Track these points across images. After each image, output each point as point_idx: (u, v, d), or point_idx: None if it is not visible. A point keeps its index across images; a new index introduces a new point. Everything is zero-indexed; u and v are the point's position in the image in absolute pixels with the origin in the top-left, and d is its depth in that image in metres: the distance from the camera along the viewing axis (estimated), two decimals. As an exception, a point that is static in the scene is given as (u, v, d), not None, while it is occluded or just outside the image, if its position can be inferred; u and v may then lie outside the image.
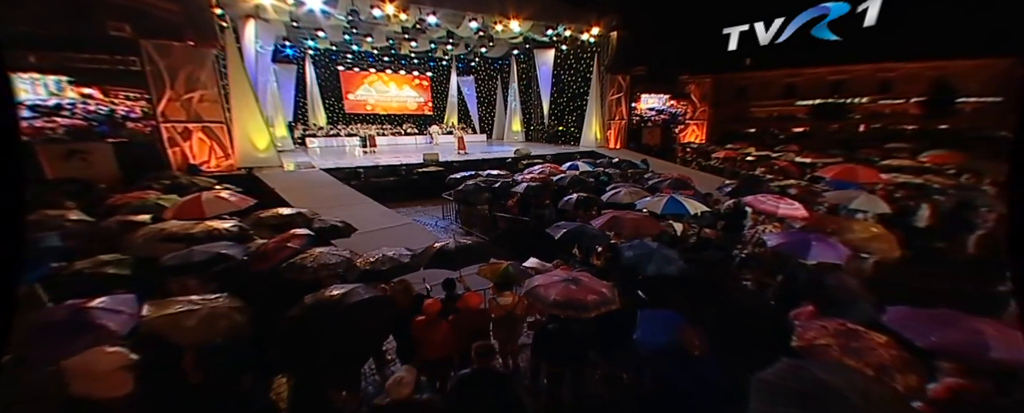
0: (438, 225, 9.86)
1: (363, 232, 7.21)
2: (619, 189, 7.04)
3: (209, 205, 5.39)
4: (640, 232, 4.84)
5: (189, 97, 10.76)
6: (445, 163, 13.77)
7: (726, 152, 13.61)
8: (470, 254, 4.21)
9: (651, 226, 4.97)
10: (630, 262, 4.32)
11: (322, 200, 8.72)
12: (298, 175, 10.89)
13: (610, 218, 5.06)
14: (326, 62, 22.56)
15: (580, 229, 4.79)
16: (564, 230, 4.81)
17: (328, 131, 20.79)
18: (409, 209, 11.46)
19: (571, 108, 20.82)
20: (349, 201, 8.73)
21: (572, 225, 4.92)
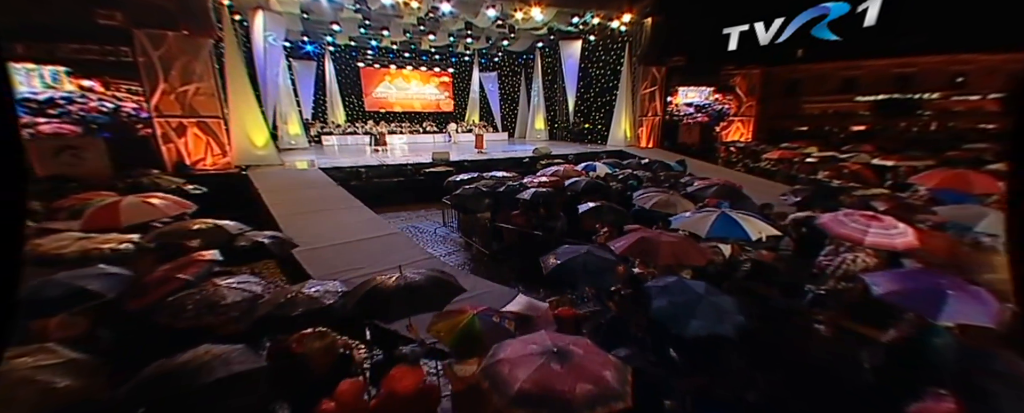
0: (437, 233, 8.68)
1: (338, 243, 6.13)
2: (650, 197, 5.55)
3: (128, 212, 4.42)
4: (679, 262, 3.38)
5: (184, 90, 10.16)
6: (456, 163, 12.61)
7: (781, 152, 11.61)
8: (418, 297, 2.89)
9: (694, 255, 3.49)
10: (663, 313, 2.89)
11: (306, 203, 7.75)
12: (291, 175, 10.05)
13: (636, 240, 3.63)
14: (346, 59, 22.05)
15: (584, 261, 3.39)
16: (559, 262, 3.42)
17: (345, 129, 20.21)
18: (410, 213, 10.37)
19: (599, 104, 19.18)
20: (335, 205, 7.71)
21: (575, 251, 3.51)
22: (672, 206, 5.15)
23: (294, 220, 6.90)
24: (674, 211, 5.03)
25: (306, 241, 6.12)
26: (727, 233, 3.86)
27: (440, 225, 9.07)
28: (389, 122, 22.19)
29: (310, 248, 5.89)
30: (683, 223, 4.27)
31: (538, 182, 7.34)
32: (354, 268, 5.41)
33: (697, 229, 3.99)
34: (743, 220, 3.88)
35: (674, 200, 5.27)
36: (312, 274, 5.20)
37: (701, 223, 3.98)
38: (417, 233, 8.72)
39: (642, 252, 3.49)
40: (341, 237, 6.33)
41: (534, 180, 7.48)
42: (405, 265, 5.91)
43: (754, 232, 3.81)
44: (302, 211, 7.28)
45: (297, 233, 6.41)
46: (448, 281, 3.13)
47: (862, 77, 23.13)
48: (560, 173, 7.81)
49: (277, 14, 14.19)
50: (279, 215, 7.01)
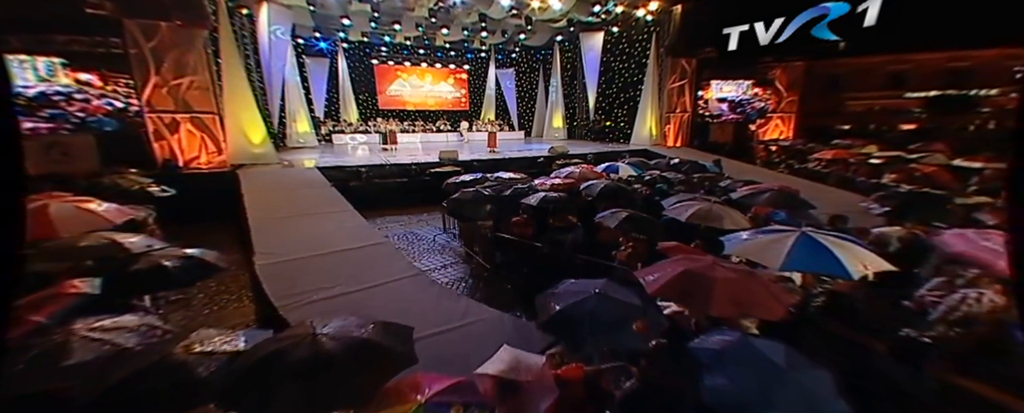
0: (436, 241, 7.73)
1: (311, 255, 5.25)
2: (686, 206, 4.40)
3: (63, 221, 3.63)
4: (743, 313, 2.26)
5: (177, 83, 9.60)
6: (464, 163, 11.67)
7: (835, 151, 10.07)
8: (325, 383, 1.83)
9: (764, 301, 2.26)
10: (722, 398, 1.80)
11: (289, 206, 6.94)
12: (284, 175, 9.33)
13: (677, 275, 2.43)
14: (360, 56, 21.52)
15: (594, 308, 2.29)
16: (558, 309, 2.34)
17: (357, 127, 19.65)
18: (411, 217, 9.48)
19: (621, 100, 17.88)
20: (322, 209, 6.87)
21: (583, 291, 2.42)
22: (717, 219, 3.98)
23: (270, 226, 6.08)
24: (721, 226, 3.87)
25: (276, 251, 5.27)
26: (813, 265, 2.64)
27: (441, 231, 8.12)
28: (402, 120, 21.54)
29: (277, 261, 5.03)
30: (742, 248, 3.03)
31: (550, 185, 6.28)
32: (321, 287, 4.50)
33: (766, 257, 2.76)
34: (836, 246, 2.63)
35: (719, 211, 4.09)
36: (270, 293, 4.33)
37: (772, 249, 2.72)
38: (414, 240, 7.80)
39: (685, 293, 2.36)
40: (319, 247, 5.44)
41: (545, 182, 6.42)
42: (383, 283, 5.01)
43: (855, 266, 2.55)
44: (282, 215, 6.46)
45: (269, 241, 5.59)
46: (388, 349, 2.08)
47: (910, 72, 21.19)
48: (576, 175, 6.71)
49: (284, 7, 13.66)
50: (254, 219, 6.21)
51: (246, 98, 10.11)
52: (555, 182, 6.29)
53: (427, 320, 4.11)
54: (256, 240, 5.54)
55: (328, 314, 3.98)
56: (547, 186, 6.24)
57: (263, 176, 9.03)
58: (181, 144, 9.80)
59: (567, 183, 6.28)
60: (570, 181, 6.38)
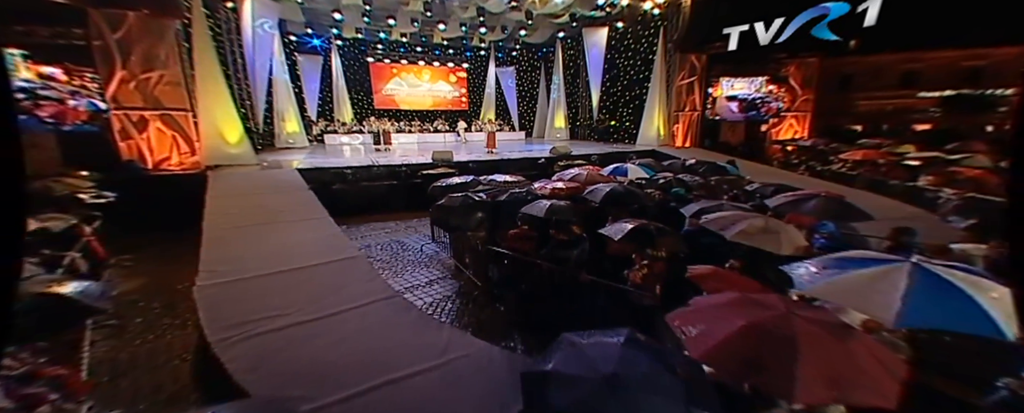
0: (424, 251, 6.90)
1: (268, 273, 4.45)
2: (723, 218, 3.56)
3: None
4: (840, 394, 1.42)
5: (146, 78, 8.83)
6: (459, 164, 10.86)
7: (866, 152, 9.18)
8: None
9: (870, 375, 1.41)
10: None
11: (255, 213, 6.15)
12: (259, 177, 8.54)
13: (737, 332, 1.53)
14: (354, 53, 20.80)
15: (601, 388, 1.43)
16: (554, 387, 1.47)
17: (351, 127, 18.90)
18: (398, 223, 8.67)
19: (627, 99, 17.07)
20: (292, 216, 6.06)
21: (587, 364, 1.54)
22: (771, 239, 3.11)
23: (228, 237, 5.29)
24: (778, 249, 3.01)
25: (226, 269, 4.47)
26: (947, 319, 1.70)
27: (429, 240, 7.31)
28: (398, 120, 20.77)
29: (226, 280, 4.23)
30: (828, 288, 2.01)
31: (551, 189, 5.45)
32: (271, 314, 3.70)
33: (870, 305, 1.81)
34: (966, 283, 1.78)
35: (774, 226, 3.22)
36: (206, 323, 3.52)
37: (879, 292, 1.79)
38: (399, 250, 6.98)
39: (753, 364, 1.50)
40: (279, 262, 4.64)
41: (546, 186, 5.59)
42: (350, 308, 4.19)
43: (1008, 322, 1.66)
44: (244, 224, 5.66)
45: (222, 256, 4.79)
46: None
47: (924, 71, 20.48)
48: (581, 178, 5.88)
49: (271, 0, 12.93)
50: (210, 229, 5.42)
51: (222, 94, 9.34)
52: (557, 186, 5.46)
53: (398, 357, 3.31)
54: (205, 255, 4.74)
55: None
56: (548, 191, 5.42)
57: (235, 178, 8.25)
58: (150, 144, 9.02)
59: (571, 188, 5.45)
60: (574, 185, 5.54)
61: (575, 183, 5.64)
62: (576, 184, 5.63)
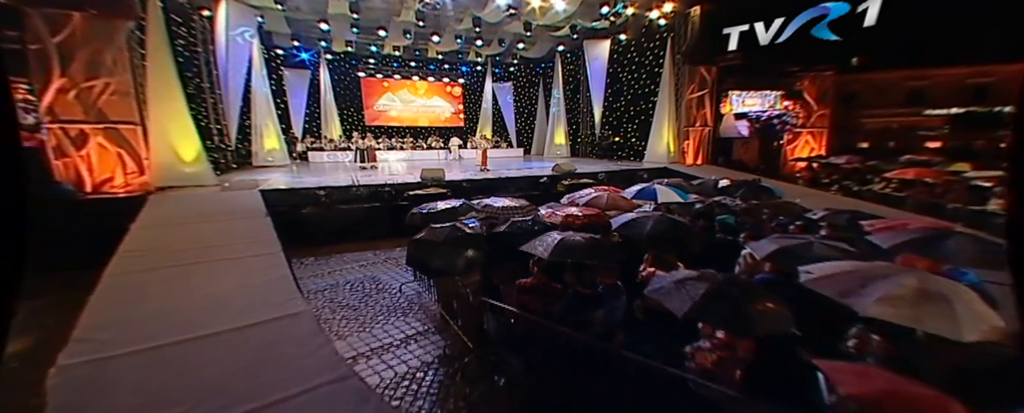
0: (403, 292, 5.58)
1: (166, 344, 3.13)
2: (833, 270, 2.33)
3: None
4: None
5: (89, 86, 7.63)
6: (451, 183, 9.65)
7: (919, 171, 7.98)
8: None
9: None
10: None
11: (186, 248, 4.84)
12: (210, 201, 7.24)
13: None
14: (345, 67, 19.93)
15: None
16: None
17: (338, 144, 17.76)
18: (379, 253, 7.35)
19: (631, 114, 16.11)
20: (231, 251, 4.75)
21: None
22: (929, 309, 1.89)
23: (134, 283, 3.98)
24: (953, 329, 1.78)
25: (111, 336, 3.14)
26: None
27: (411, 277, 5.98)
28: (390, 137, 19.69)
29: (99, 357, 2.91)
30: None
31: (563, 217, 4.19)
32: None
33: None
34: None
35: (925, 286, 1.99)
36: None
37: None
38: (372, 291, 5.66)
39: None
40: (189, 323, 3.32)
41: (557, 213, 4.34)
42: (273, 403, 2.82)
43: None
44: (162, 265, 4.35)
45: (114, 314, 3.47)
46: None
47: (931, 88, 20.00)
48: (600, 202, 4.65)
49: (247, 6, 11.96)
50: (115, 273, 4.11)
51: (177, 106, 8.14)
52: (571, 214, 4.21)
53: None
54: (90, 313, 3.42)
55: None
56: (559, 220, 4.17)
57: (180, 203, 6.95)
58: (90, 162, 7.74)
59: (589, 216, 4.20)
60: (593, 212, 4.30)
61: (594, 211, 4.39)
62: (594, 211, 4.39)
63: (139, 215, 5.96)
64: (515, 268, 4.00)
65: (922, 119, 19.94)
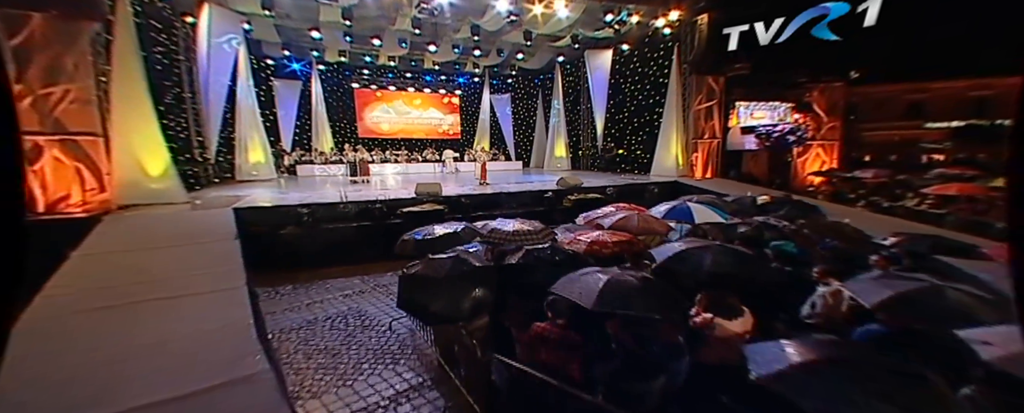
0: (394, 330, 4.73)
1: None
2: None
3: None
4: None
5: (46, 94, 6.82)
6: (449, 199, 8.88)
7: (962, 187, 7.13)
8: None
9: None
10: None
11: (128, 281, 4.00)
12: (174, 221, 6.39)
13: None
14: (338, 79, 19.33)
15: None
16: None
17: (329, 157, 16.99)
18: (367, 279, 6.51)
19: (635, 126, 15.55)
20: (181, 286, 3.91)
21: None
22: None
23: (58, 327, 3.14)
24: None
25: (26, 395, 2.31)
26: None
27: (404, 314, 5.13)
28: (384, 149, 18.97)
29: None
30: None
31: (589, 244, 3.42)
32: None
33: None
34: None
35: None
36: None
37: None
38: (356, 329, 4.81)
39: None
40: (101, 394, 2.47)
41: (579, 238, 3.57)
42: None
43: None
44: (92, 306, 3.51)
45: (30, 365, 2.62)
46: None
47: (930, 101, 19.87)
48: (629, 224, 3.89)
49: (233, 12, 11.31)
50: (32, 316, 3.24)
51: (144, 115, 7.35)
52: (599, 239, 3.45)
53: None
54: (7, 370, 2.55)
55: None
56: (583, 247, 3.40)
57: (138, 224, 6.10)
58: (44, 178, 6.88)
59: (619, 242, 3.44)
60: (623, 238, 3.54)
61: (623, 237, 3.63)
62: (625, 236, 3.62)
63: (84, 240, 5.10)
64: (529, 307, 3.21)
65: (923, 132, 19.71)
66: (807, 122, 13.60)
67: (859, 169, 11.72)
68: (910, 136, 19.86)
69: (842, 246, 4.06)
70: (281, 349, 4.36)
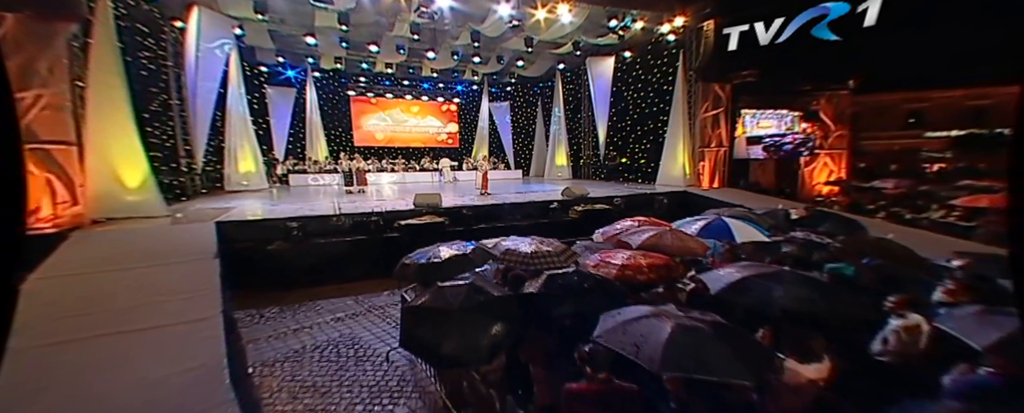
0: (391, 360, 4.20)
1: None
2: None
3: None
4: None
5: (18, 98, 6.34)
6: (449, 211, 8.40)
7: (994, 199, 6.74)
8: None
9: None
10: None
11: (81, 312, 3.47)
12: (148, 238, 5.85)
13: None
14: (333, 86, 18.91)
15: None
16: None
17: (323, 166, 16.50)
18: (362, 299, 5.98)
19: (638, 134, 15.21)
20: (144, 317, 3.39)
21: None
22: None
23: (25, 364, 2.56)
24: None
25: None
26: None
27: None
28: (380, 158, 18.49)
29: None
30: None
31: (620, 267, 2.95)
32: None
33: None
34: None
35: None
36: None
37: None
38: (348, 360, 4.27)
39: None
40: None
41: (609, 262, 3.09)
42: None
43: None
44: (41, 341, 2.97)
45: None
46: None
47: (930, 110, 19.76)
48: (664, 243, 3.42)
49: (225, 16, 10.89)
50: None
51: (122, 123, 6.83)
52: (631, 263, 2.98)
53: None
54: None
55: None
56: (614, 271, 2.93)
57: (107, 242, 5.55)
58: (10, 189, 6.34)
59: (653, 265, 2.98)
60: (657, 262, 3.07)
61: (657, 257, 3.16)
62: (659, 260, 3.15)
63: (43, 262, 4.56)
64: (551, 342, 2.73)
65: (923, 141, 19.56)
66: (814, 131, 13.33)
67: (879, 179, 11.33)
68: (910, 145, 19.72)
69: (887, 266, 3.62)
70: (263, 386, 3.82)
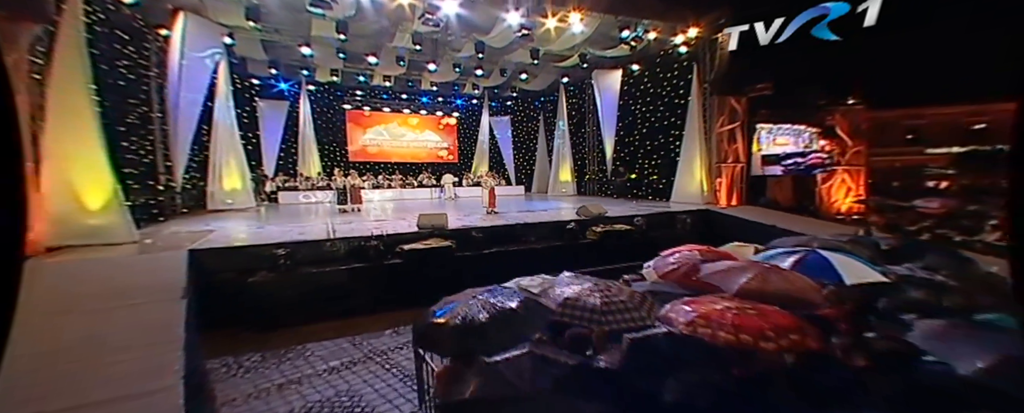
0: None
1: None
2: None
3: None
4: None
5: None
6: (456, 233, 7.55)
7: None
8: None
9: None
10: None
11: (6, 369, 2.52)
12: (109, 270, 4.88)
13: None
14: (328, 99, 18.22)
15: None
16: None
17: (316, 183, 15.61)
18: (357, 342, 5.04)
19: (647, 149, 14.62)
20: (81, 389, 2.50)
21: None
22: None
23: None
24: None
25: None
26: None
27: (411, 389, 3.69)
28: (376, 174, 17.65)
29: None
30: None
31: (732, 328, 2.13)
32: None
33: None
34: None
35: None
36: None
37: None
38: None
39: None
40: None
41: (707, 316, 2.27)
42: None
43: None
44: None
45: None
46: None
47: (927, 127, 19.58)
48: (769, 287, 2.61)
49: (213, 23, 10.16)
50: None
51: (85, 136, 5.92)
52: (746, 322, 2.18)
53: None
54: None
55: None
56: (724, 333, 2.12)
57: (60, 274, 4.58)
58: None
59: (782, 327, 2.18)
60: (786, 323, 2.26)
61: (780, 316, 2.34)
62: (786, 320, 2.32)
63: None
64: None
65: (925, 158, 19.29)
66: (833, 148, 12.84)
67: (922, 198, 10.75)
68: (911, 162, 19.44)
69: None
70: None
